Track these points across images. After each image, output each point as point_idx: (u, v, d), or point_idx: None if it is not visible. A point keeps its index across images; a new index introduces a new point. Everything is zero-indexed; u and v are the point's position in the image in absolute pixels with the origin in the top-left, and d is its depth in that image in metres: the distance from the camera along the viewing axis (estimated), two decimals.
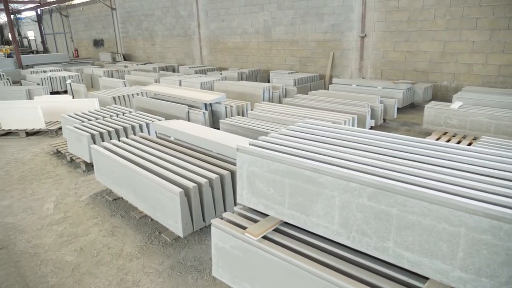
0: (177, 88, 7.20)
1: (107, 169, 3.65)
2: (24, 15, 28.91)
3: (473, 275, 1.48)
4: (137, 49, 17.92)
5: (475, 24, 7.44)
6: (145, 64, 15.17)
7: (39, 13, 25.70)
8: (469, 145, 4.69)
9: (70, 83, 9.62)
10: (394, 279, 1.74)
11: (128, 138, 4.20)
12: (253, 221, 2.28)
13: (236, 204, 3.10)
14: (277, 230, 2.19)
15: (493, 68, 7.43)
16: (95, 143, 4.52)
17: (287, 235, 2.14)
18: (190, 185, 2.80)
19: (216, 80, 9.02)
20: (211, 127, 6.06)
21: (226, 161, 3.39)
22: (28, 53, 24.67)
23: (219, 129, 5.33)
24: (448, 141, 4.98)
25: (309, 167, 1.92)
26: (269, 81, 10.66)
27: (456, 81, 8.03)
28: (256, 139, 2.83)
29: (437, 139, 5.09)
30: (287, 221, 2.14)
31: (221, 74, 10.82)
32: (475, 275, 1.48)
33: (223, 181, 3.05)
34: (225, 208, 3.12)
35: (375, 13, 8.87)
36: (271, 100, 7.87)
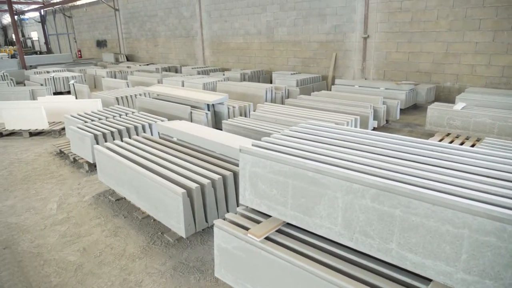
0: (180, 88, 7.21)
1: (110, 170, 3.66)
2: (27, 16, 29.11)
3: (476, 277, 1.48)
4: (140, 50, 17.97)
5: (478, 25, 7.42)
6: (147, 64, 15.23)
7: (42, 14, 25.86)
8: (472, 146, 4.67)
9: (73, 84, 9.66)
10: (397, 281, 1.74)
11: (131, 138, 4.22)
12: (256, 222, 2.28)
13: (238, 205, 3.11)
14: (280, 231, 2.19)
15: (497, 69, 7.40)
16: (98, 143, 4.54)
17: (290, 236, 2.14)
18: (192, 185, 2.81)
19: (218, 80, 9.03)
20: (213, 127, 6.07)
21: (228, 161, 3.39)
22: (31, 54, 24.87)
23: (221, 130, 5.34)
24: (451, 142, 4.97)
25: (312, 168, 1.92)
26: (271, 82, 10.67)
27: (459, 82, 8.00)
28: (258, 139, 2.83)
29: (440, 140, 5.08)
30: (290, 222, 2.13)
31: (224, 74, 10.83)
32: (479, 277, 1.47)
33: (225, 182, 3.05)
34: (227, 209, 3.12)
35: (377, 14, 8.86)
36: (274, 101, 7.87)
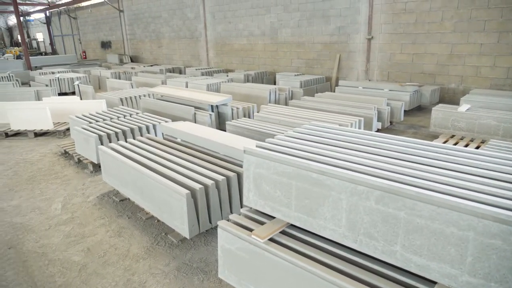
0: (184, 89, 7.23)
1: (114, 170, 3.68)
2: (33, 17, 29.36)
3: (482, 280, 1.47)
4: (144, 51, 18.05)
5: (483, 26, 7.38)
6: (152, 65, 15.29)
7: (48, 15, 26.05)
8: (477, 148, 4.64)
9: (78, 85, 9.72)
10: (401, 283, 1.73)
11: (135, 139, 4.23)
12: (260, 223, 2.28)
13: (242, 206, 3.11)
14: (284, 232, 2.19)
15: (502, 70, 7.36)
16: (102, 144, 4.56)
17: (294, 237, 2.14)
18: (196, 186, 2.81)
19: (222, 82, 9.04)
20: (217, 129, 6.08)
21: (232, 163, 3.39)
22: (36, 55, 25.05)
23: (225, 131, 5.34)
24: (455, 144, 4.94)
25: (316, 170, 1.92)
26: (275, 83, 10.68)
27: (463, 84, 7.96)
28: (262, 141, 2.83)
29: (445, 142, 5.05)
30: (294, 224, 2.13)
31: (228, 76, 10.85)
32: (484, 280, 1.46)
33: (229, 183, 3.05)
34: (231, 210, 3.12)
35: (382, 15, 8.84)
36: (277, 102, 7.87)
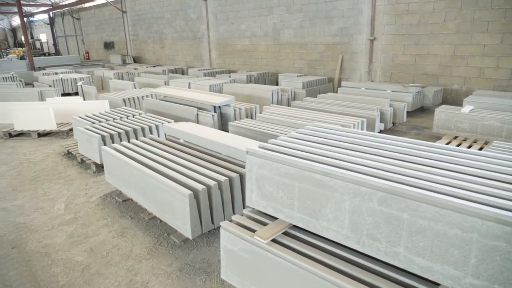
0: (186, 90, 7.24)
1: (117, 171, 3.69)
2: (36, 18, 29.51)
3: (485, 282, 1.46)
4: (147, 52, 18.10)
5: (486, 27, 7.36)
6: (154, 66, 15.32)
7: (51, 16, 26.19)
8: (480, 149, 4.63)
9: (81, 85, 9.76)
10: (404, 285, 1.72)
11: (138, 140, 4.25)
12: (262, 224, 2.28)
13: (245, 206, 3.11)
14: (286, 233, 2.19)
15: (505, 71, 7.33)
16: (105, 144, 4.58)
17: (296, 238, 2.14)
18: (199, 187, 2.82)
19: (225, 82, 9.05)
20: (220, 129, 6.09)
21: (235, 163, 3.40)
22: (40, 55, 25.19)
23: (228, 132, 5.35)
24: (458, 145, 4.92)
25: (319, 171, 1.92)
26: (277, 84, 10.68)
27: (466, 85, 7.94)
28: (264, 141, 2.84)
29: (448, 143, 5.04)
30: (297, 225, 2.13)
31: (230, 76, 10.86)
32: (488, 282, 1.46)
33: (232, 184, 3.06)
34: (234, 210, 3.13)
35: (384, 16, 8.83)
36: (280, 103, 7.87)
